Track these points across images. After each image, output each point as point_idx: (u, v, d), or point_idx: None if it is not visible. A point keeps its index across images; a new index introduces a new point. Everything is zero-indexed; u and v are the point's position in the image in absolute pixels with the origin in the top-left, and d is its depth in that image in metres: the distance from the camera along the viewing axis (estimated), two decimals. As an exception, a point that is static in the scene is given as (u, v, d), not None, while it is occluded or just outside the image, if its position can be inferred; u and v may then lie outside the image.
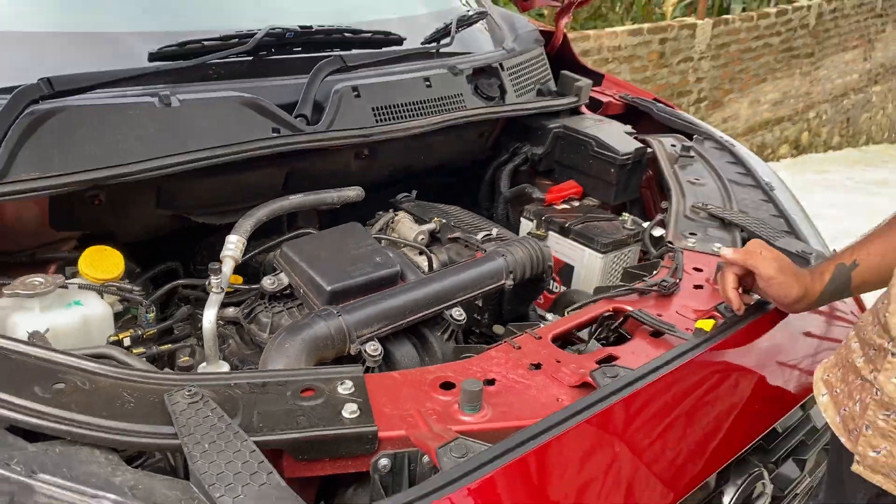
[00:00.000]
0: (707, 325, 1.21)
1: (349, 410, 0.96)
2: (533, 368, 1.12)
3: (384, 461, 0.95)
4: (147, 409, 0.92)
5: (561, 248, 1.76)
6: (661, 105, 2.18)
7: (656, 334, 1.23)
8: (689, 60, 6.20)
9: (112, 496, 0.79)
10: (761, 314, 1.27)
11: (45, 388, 0.91)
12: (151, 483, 0.84)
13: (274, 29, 1.54)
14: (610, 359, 1.14)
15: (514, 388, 1.07)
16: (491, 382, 1.07)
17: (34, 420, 0.86)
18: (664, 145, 1.96)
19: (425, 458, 0.94)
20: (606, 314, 1.28)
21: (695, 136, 2.06)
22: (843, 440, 1.00)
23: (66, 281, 1.18)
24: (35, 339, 1.06)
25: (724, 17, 6.53)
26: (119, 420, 0.89)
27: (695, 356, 1.11)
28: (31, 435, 0.87)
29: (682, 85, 6.23)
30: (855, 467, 0.96)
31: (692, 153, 1.93)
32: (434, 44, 1.89)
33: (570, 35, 5.31)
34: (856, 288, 1.12)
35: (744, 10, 7.15)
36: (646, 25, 5.69)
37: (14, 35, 1.43)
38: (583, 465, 0.94)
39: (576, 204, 1.89)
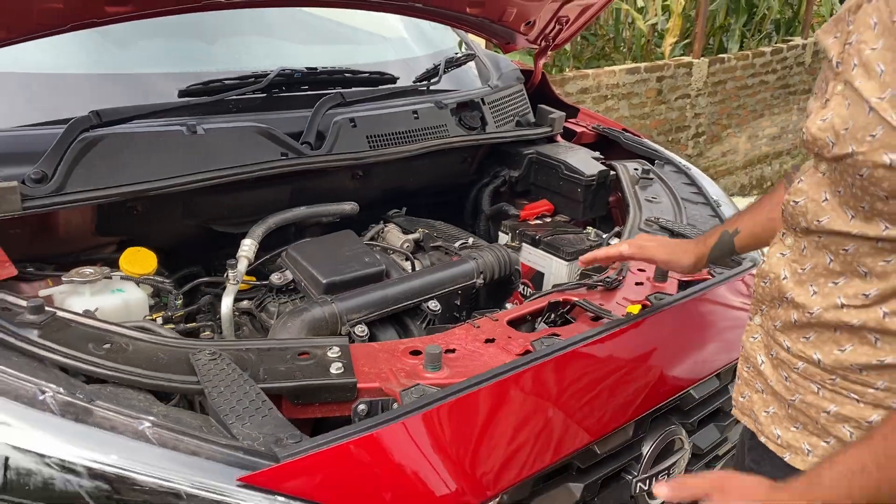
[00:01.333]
0: (636, 308, 1.46)
1: (335, 368, 1.21)
2: (487, 342, 1.37)
3: (362, 406, 1.20)
4: (176, 364, 1.18)
5: (532, 257, 2.01)
6: (628, 134, 2.44)
7: (596, 319, 1.48)
8: (687, 97, 6.48)
9: (151, 418, 1.04)
10: (681, 301, 1.52)
11: (98, 347, 1.17)
12: (179, 414, 1.10)
13: (284, 70, 1.84)
14: (553, 336, 1.39)
15: (470, 355, 1.32)
16: (452, 351, 1.33)
17: (90, 367, 1.13)
18: (628, 169, 2.22)
19: (395, 404, 1.19)
20: (554, 301, 1.53)
21: (656, 161, 2.31)
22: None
23: (111, 273, 1.46)
24: (88, 315, 1.33)
25: (721, 55, 6.81)
26: (154, 370, 1.15)
27: (618, 330, 1.36)
28: (89, 380, 1.13)
29: (680, 121, 6.50)
30: (733, 411, 1.19)
31: (651, 175, 2.19)
32: (424, 82, 2.18)
33: (571, 74, 5.63)
34: (739, 249, 1.37)
35: (741, 48, 7.43)
36: (643, 64, 5.99)
37: (68, 77, 1.74)
38: (515, 407, 1.18)
39: (547, 220, 2.15)
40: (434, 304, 1.58)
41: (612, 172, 2.17)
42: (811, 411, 1.03)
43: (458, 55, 2.36)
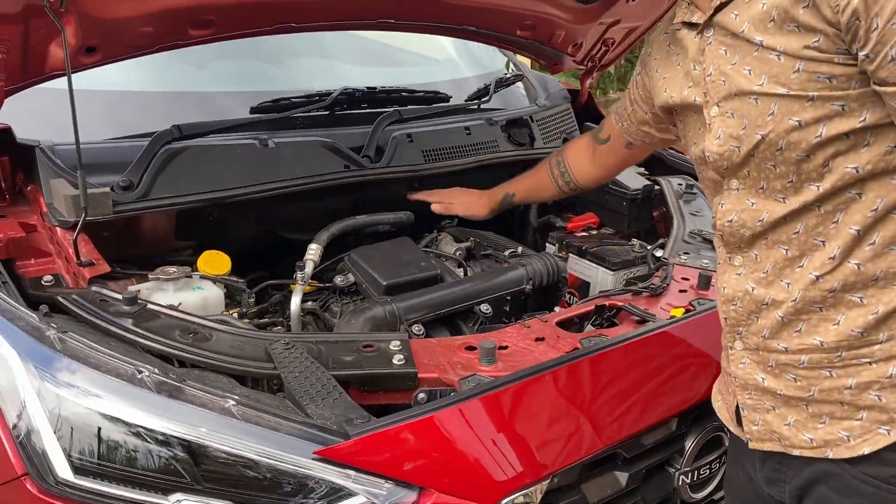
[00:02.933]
0: (679, 312, 1.54)
1: (397, 359, 1.32)
2: (538, 341, 1.46)
3: (422, 395, 1.30)
4: (255, 352, 1.30)
5: (579, 267, 2.10)
6: (672, 151, 2.52)
7: (641, 322, 1.56)
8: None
9: (235, 397, 1.16)
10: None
11: (184, 336, 1.30)
12: (259, 395, 1.21)
13: (346, 90, 1.98)
14: (600, 336, 1.48)
15: (522, 351, 1.41)
16: (504, 348, 1.42)
17: (179, 353, 1.25)
18: (672, 184, 2.29)
19: (453, 393, 1.29)
20: (601, 305, 1.61)
21: (699, 177, 2.38)
22: (734, 430, 1.23)
23: (191, 272, 1.59)
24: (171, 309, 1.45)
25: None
26: (235, 357, 1.27)
27: (661, 331, 1.44)
28: (178, 364, 1.25)
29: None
30: (752, 445, 1.17)
31: (695, 190, 2.26)
32: (475, 100, 2.30)
33: (615, 95, 5.71)
34: (517, 203, 2.00)
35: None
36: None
37: (149, 94, 1.90)
38: (565, 398, 1.27)
39: (593, 232, 2.23)
40: (486, 308, 1.68)
41: (656, 187, 2.25)
42: (833, 395, 1.05)
43: (508, 75, 2.48)
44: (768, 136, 1.00)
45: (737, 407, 1.20)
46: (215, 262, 1.65)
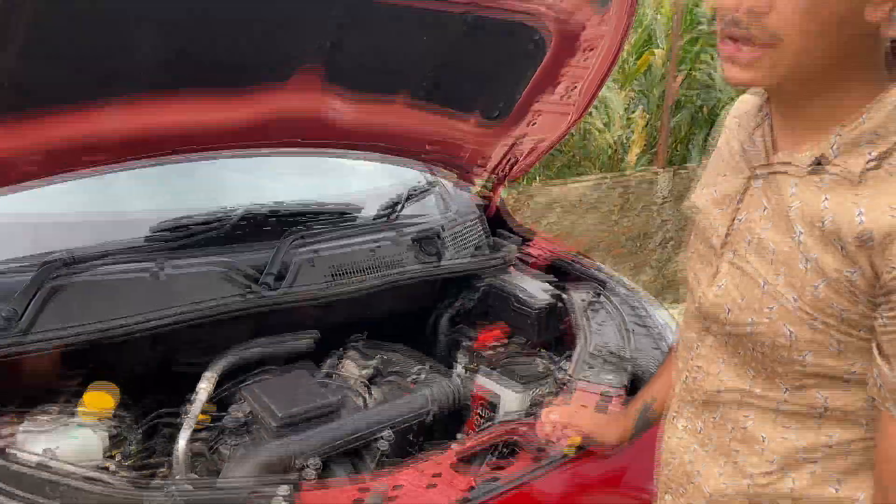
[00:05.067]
0: (577, 440, 1.54)
1: (281, 511, 1.27)
2: (435, 477, 1.43)
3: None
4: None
5: (487, 383, 2.08)
6: (581, 258, 2.58)
7: (539, 451, 1.55)
8: (653, 206, 6.73)
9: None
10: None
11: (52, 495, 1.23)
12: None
13: (250, 210, 1.97)
14: (494, 479, 1.46)
15: (416, 492, 1.38)
16: (399, 486, 1.39)
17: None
18: (578, 295, 2.33)
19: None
20: (503, 435, 1.61)
21: (606, 286, 2.43)
22: None
23: (73, 411, 1.52)
24: (47, 455, 1.38)
25: (684, 165, 7.12)
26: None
27: (553, 471, 1.44)
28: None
29: (646, 228, 6.72)
30: None
31: (601, 302, 2.30)
32: (386, 214, 2.31)
33: (539, 186, 5.86)
34: (659, 419, 1.36)
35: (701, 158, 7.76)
36: (608, 175, 6.25)
37: (44, 217, 1.85)
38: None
39: (503, 345, 2.24)
40: (388, 435, 1.65)
41: (562, 300, 2.28)
42: None
43: (420, 187, 2.51)
44: (757, 328, 0.95)
45: None
46: (100, 398, 1.58)
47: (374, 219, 2.27)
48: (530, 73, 2.16)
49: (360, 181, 2.65)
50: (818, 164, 0.92)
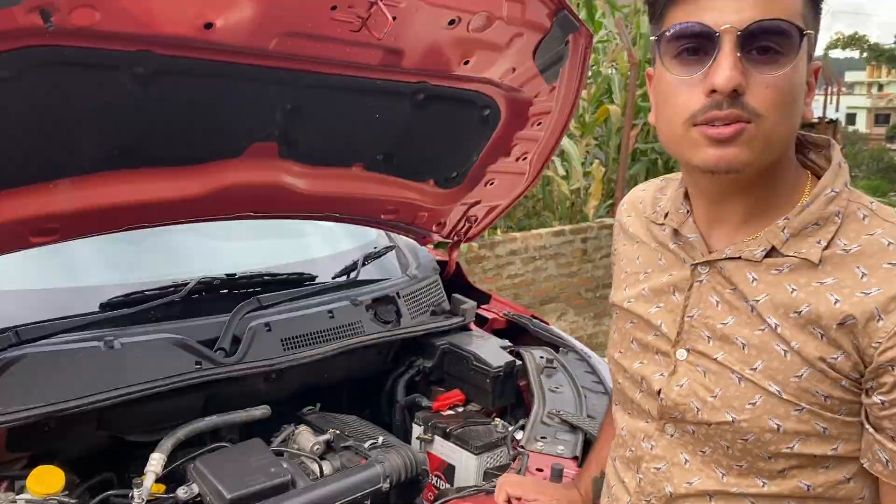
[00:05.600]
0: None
1: None
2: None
3: None
4: None
5: (444, 449, 2.09)
6: (536, 321, 2.61)
7: (492, 526, 1.55)
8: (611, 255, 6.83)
9: None
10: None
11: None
12: None
13: (203, 279, 1.97)
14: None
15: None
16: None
17: None
18: (534, 357, 2.35)
19: None
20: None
21: (560, 348, 2.46)
22: None
23: (16, 497, 1.48)
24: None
25: (642, 215, 7.25)
26: None
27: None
28: None
29: (606, 278, 6.81)
30: None
31: (555, 364, 2.33)
32: (343, 278, 2.33)
33: (500, 237, 5.92)
34: None
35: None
36: (567, 227, 6.34)
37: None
38: None
39: (459, 410, 2.25)
40: (340, 511, 1.64)
41: (518, 362, 2.30)
42: None
43: (377, 250, 2.53)
44: (740, 423, 0.94)
45: None
46: (46, 479, 1.55)
47: (330, 281, 2.27)
48: (484, 141, 2.21)
49: (317, 242, 2.67)
50: (770, 253, 0.96)
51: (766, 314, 0.94)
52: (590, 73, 6.54)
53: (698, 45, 0.89)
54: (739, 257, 0.98)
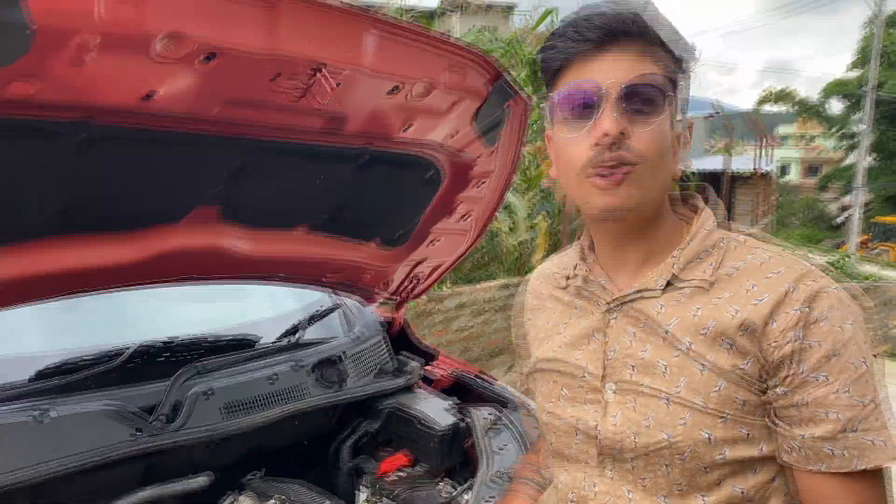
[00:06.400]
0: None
1: None
2: None
3: None
4: None
5: (390, 513, 2.06)
6: (482, 379, 2.61)
7: None
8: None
9: None
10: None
11: None
12: None
13: (141, 345, 1.93)
14: None
15: None
16: None
17: None
18: (480, 415, 2.35)
19: None
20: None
21: (507, 405, 2.47)
22: None
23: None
24: None
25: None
26: None
27: None
28: None
29: (553, 329, 6.87)
30: None
31: (502, 422, 2.33)
32: (286, 340, 2.30)
33: (448, 291, 5.94)
34: None
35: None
36: (515, 279, 6.41)
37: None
38: None
39: (406, 472, 2.22)
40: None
41: (464, 422, 2.30)
42: None
43: (321, 310, 2.52)
44: (676, 442, 1.02)
45: None
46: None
47: (273, 345, 2.25)
48: (428, 202, 2.24)
49: (261, 304, 2.65)
50: (670, 283, 1.08)
51: (678, 337, 1.04)
52: (535, 129, 6.70)
53: (587, 101, 1.04)
54: (644, 293, 1.09)
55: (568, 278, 1.21)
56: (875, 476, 1.00)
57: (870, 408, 0.98)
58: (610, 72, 1.03)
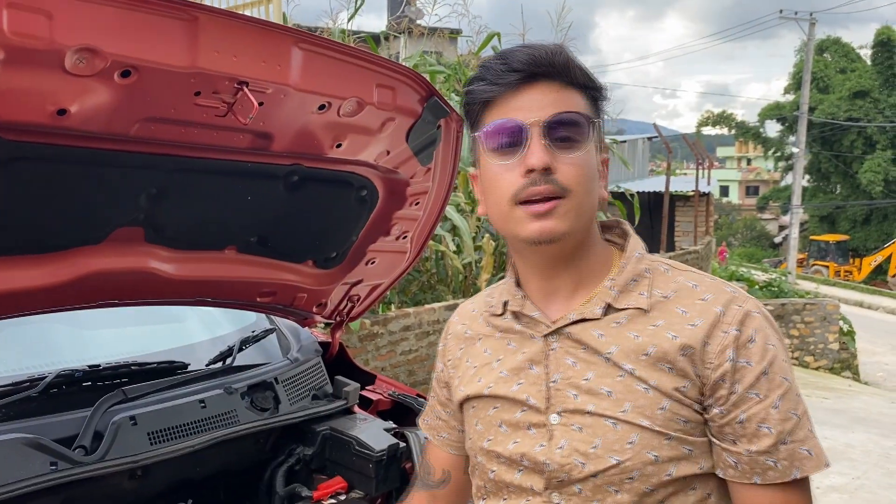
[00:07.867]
0: None
1: None
2: None
3: None
4: None
5: (325, 541, 2.01)
6: (422, 400, 2.59)
7: None
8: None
9: None
10: None
11: None
12: None
13: (63, 372, 1.85)
14: None
15: None
16: None
17: None
18: (419, 437, 2.32)
19: None
20: None
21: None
22: None
23: None
24: None
25: (533, 287, 7.41)
26: None
27: None
28: None
29: (500, 349, 6.88)
30: None
31: (441, 444, 2.30)
32: (217, 364, 2.24)
33: (393, 313, 5.90)
34: None
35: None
36: (461, 301, 6.40)
37: None
38: None
39: (342, 498, 2.18)
40: None
41: (402, 444, 2.26)
42: None
43: (256, 333, 2.47)
44: (625, 464, 1.03)
45: None
46: None
47: (204, 369, 2.19)
48: (363, 221, 2.22)
49: (193, 327, 2.58)
50: (607, 310, 1.11)
51: (620, 362, 1.06)
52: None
53: (512, 138, 1.08)
54: (583, 319, 1.11)
55: (498, 315, 1.22)
56: (804, 484, 1.04)
57: (798, 420, 1.03)
58: (534, 108, 1.07)
